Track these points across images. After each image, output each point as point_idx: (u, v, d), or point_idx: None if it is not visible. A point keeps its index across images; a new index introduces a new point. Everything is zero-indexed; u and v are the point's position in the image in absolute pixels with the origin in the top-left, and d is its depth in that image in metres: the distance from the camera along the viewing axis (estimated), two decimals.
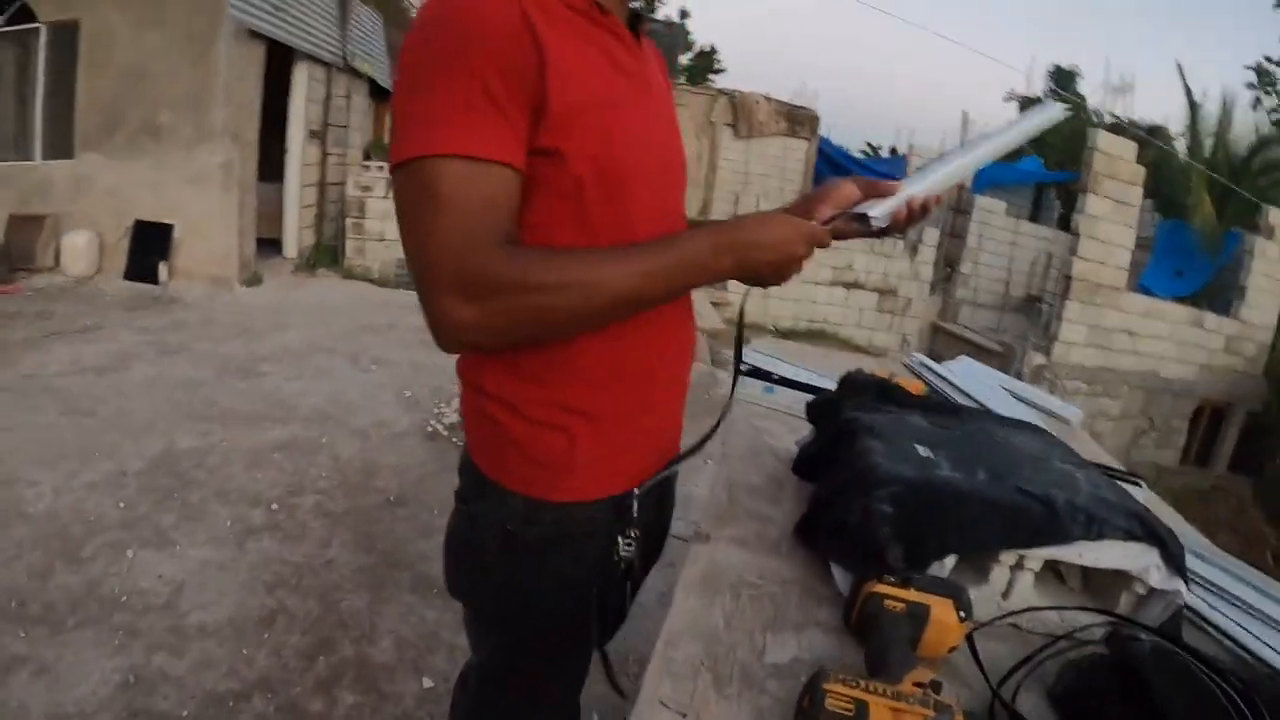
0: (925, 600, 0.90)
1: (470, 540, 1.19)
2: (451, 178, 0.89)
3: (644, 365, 1.12)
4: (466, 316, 0.90)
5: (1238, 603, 1.29)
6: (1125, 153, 9.57)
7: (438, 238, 0.89)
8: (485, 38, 0.90)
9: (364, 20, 10.22)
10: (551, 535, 1.12)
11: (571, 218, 1.00)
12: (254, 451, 4.14)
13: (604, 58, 1.03)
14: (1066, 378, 9.98)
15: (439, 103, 0.90)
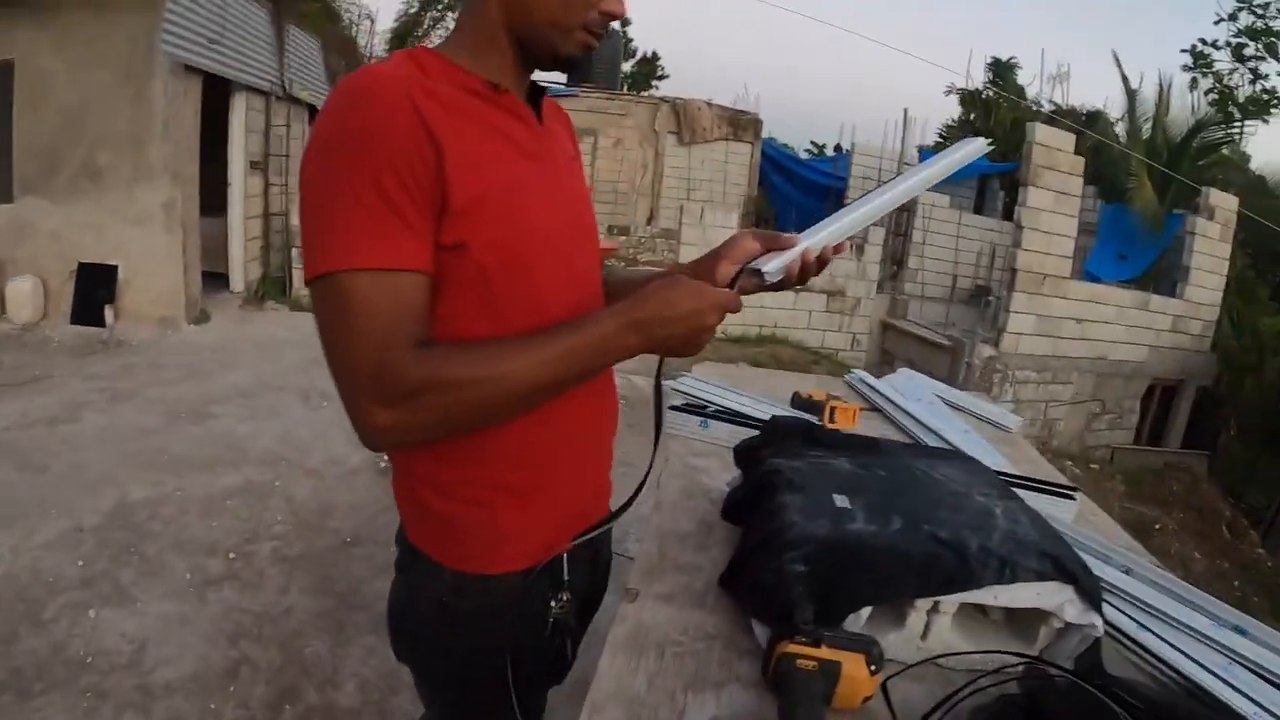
0: (836, 657, 0.93)
1: (407, 608, 1.23)
2: (361, 290, 0.91)
3: (562, 439, 1.15)
4: (386, 420, 0.93)
5: (1164, 618, 1.32)
6: (1064, 144, 9.73)
7: (352, 348, 0.92)
8: (380, 147, 0.92)
9: (301, 47, 10.16)
10: (483, 606, 1.15)
11: (480, 306, 1.03)
12: (208, 499, 4.13)
13: (504, 141, 1.05)
14: (1017, 367, 10.13)
15: (342, 217, 0.92)
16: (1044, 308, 10.07)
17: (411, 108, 0.94)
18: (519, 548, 1.14)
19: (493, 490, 1.12)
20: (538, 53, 1.09)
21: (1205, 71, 21.78)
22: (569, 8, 1.04)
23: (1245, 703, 1.11)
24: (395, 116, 0.93)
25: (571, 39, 1.07)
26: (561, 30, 1.06)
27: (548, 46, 1.07)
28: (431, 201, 0.95)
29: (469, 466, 1.10)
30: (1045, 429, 10.69)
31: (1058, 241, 9.84)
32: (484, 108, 1.04)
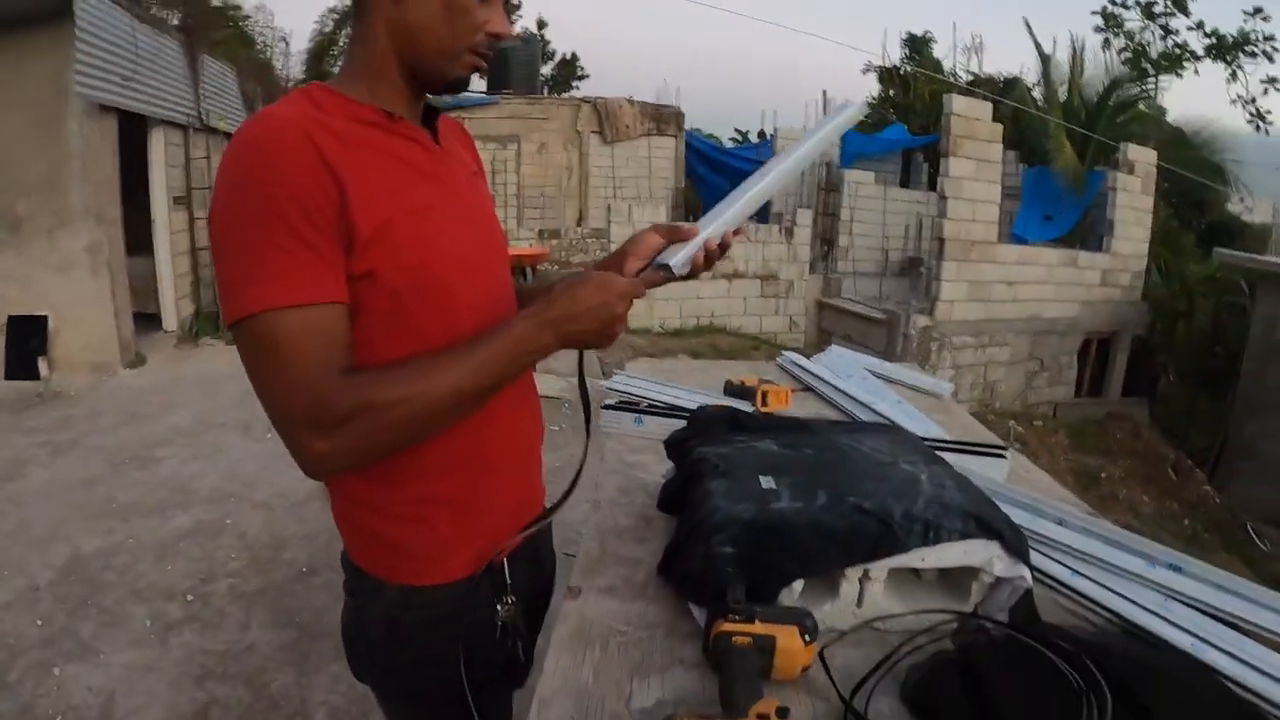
0: (770, 631, 0.97)
1: (358, 628, 1.26)
2: (285, 326, 0.94)
3: (488, 448, 1.18)
4: (323, 449, 0.96)
5: (1099, 563, 1.37)
6: (981, 113, 9.94)
7: (284, 383, 0.95)
8: (285, 186, 0.94)
9: (215, 76, 10.01)
10: (430, 616, 1.18)
11: (397, 329, 1.05)
12: (160, 543, 4.09)
13: (404, 167, 1.08)
14: (953, 334, 10.33)
15: (258, 258, 0.94)
16: (974, 274, 10.28)
17: (311, 147, 0.96)
18: (458, 557, 1.17)
19: (425, 505, 1.15)
20: (428, 79, 1.12)
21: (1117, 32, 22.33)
22: (455, 35, 1.08)
23: (1182, 635, 1.17)
24: (296, 157, 0.95)
25: (459, 63, 1.10)
26: (449, 57, 1.09)
27: (437, 73, 1.11)
28: (339, 235, 0.98)
29: (400, 485, 1.13)
30: (987, 391, 10.91)
31: (982, 208, 10.05)
32: (381, 137, 1.07)
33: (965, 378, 10.63)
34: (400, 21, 1.07)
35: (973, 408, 10.50)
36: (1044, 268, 11.10)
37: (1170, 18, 22.42)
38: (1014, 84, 16.45)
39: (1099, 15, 22.54)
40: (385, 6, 1.07)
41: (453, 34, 1.08)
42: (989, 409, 10.75)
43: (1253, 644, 1.17)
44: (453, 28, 1.07)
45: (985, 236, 10.24)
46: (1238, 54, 22.75)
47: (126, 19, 7.55)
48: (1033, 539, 1.42)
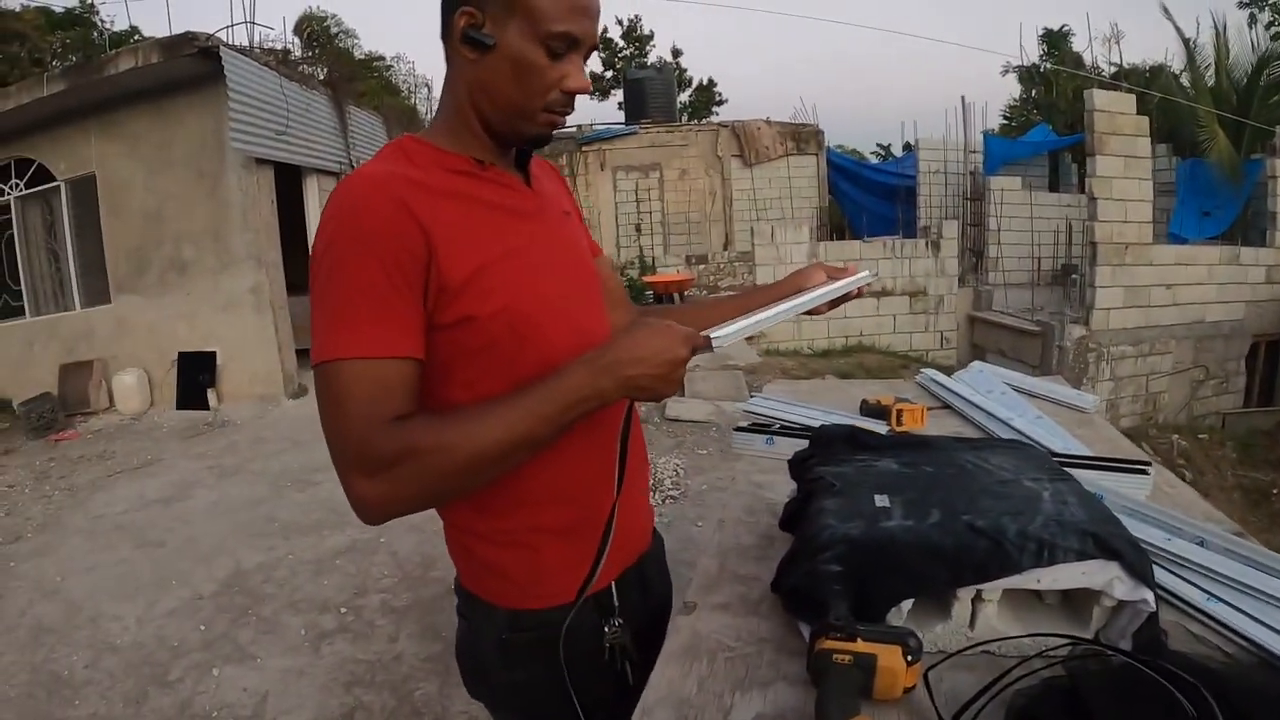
0: (872, 650, 0.97)
1: (471, 649, 1.33)
2: (346, 376, 1.00)
3: (590, 479, 1.21)
4: (371, 492, 1.00)
5: (1241, 587, 1.30)
6: (1125, 107, 9.49)
7: (339, 429, 1.00)
8: (371, 246, 1.01)
9: (363, 124, 10.52)
10: (539, 639, 1.22)
11: (498, 369, 1.11)
12: (318, 560, 4.33)
13: (493, 211, 1.13)
14: (1111, 344, 9.84)
15: (337, 311, 1.01)
16: (1130, 278, 9.79)
17: (400, 204, 1.02)
18: (565, 582, 1.20)
19: (531, 533, 1.21)
20: (506, 135, 1.16)
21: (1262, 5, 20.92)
22: (528, 95, 1.10)
23: None
24: (384, 216, 1.02)
25: (535, 122, 1.13)
26: (524, 116, 1.12)
27: (512, 130, 1.14)
28: (423, 287, 1.04)
29: (506, 515, 1.19)
30: (1149, 404, 10.36)
31: (1134, 207, 9.57)
32: (472, 184, 1.12)
33: (1125, 389, 10.14)
34: (477, 80, 1.11)
35: (1134, 421, 10.01)
36: (1204, 267, 10.46)
37: None
38: (1159, 73, 15.63)
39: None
40: (465, 65, 1.11)
41: (525, 94, 1.10)
42: (1151, 422, 10.22)
43: None
44: (524, 88, 1.09)
45: (1139, 237, 9.74)
46: None
47: (275, 77, 8.06)
48: (1169, 560, 1.37)
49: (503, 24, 1.06)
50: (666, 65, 24.21)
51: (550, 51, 1.08)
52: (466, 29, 1.07)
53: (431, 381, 1.11)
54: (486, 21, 1.07)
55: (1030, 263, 13.93)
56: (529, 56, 1.07)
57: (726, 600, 1.28)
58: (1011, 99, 20.56)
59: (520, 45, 1.07)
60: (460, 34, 1.08)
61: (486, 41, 1.07)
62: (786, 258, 10.71)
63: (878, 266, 11.20)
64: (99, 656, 3.50)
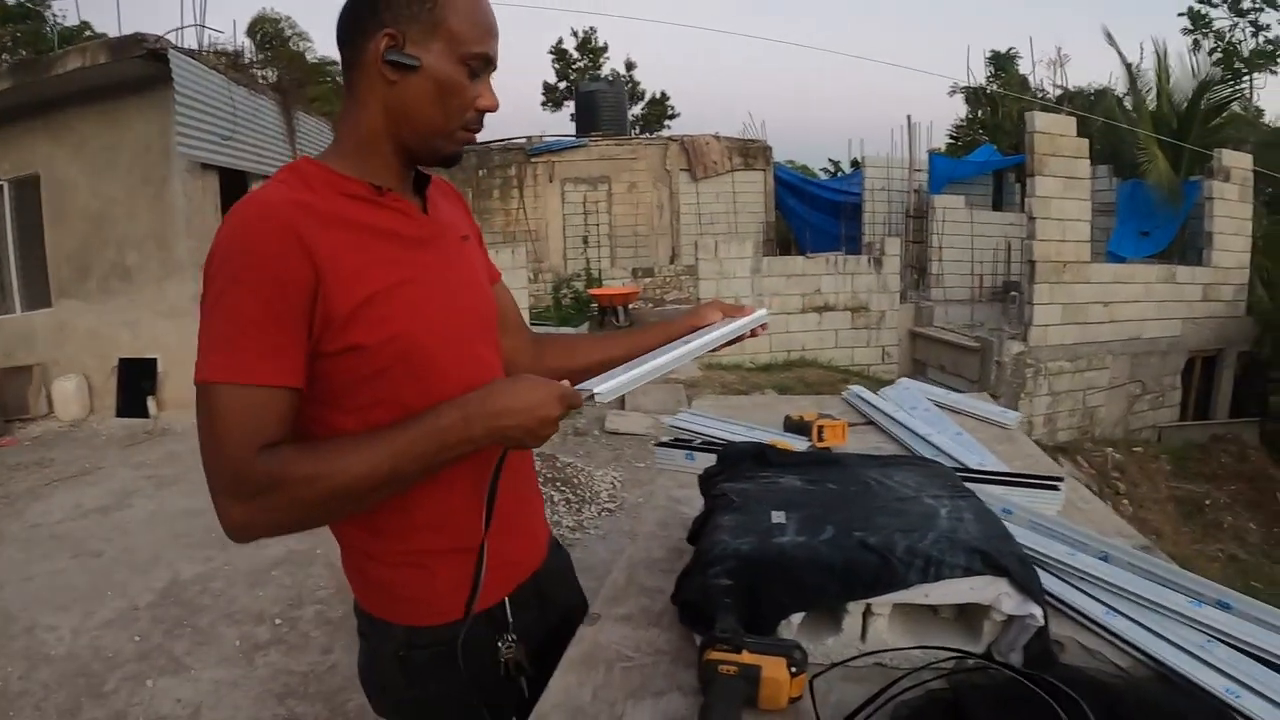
0: (757, 661, 1.01)
1: (373, 667, 1.35)
2: (223, 400, 1.02)
3: (472, 509, 1.20)
4: (239, 515, 1.03)
5: (1141, 601, 1.33)
6: (1066, 129, 9.72)
7: (212, 450, 1.03)
8: (258, 273, 1.03)
9: (312, 131, 10.44)
10: (435, 655, 1.26)
11: (388, 395, 1.14)
12: (254, 571, 4.30)
13: (387, 240, 1.15)
14: (1049, 359, 10.06)
15: (219, 334, 1.03)
16: (1068, 295, 10.01)
17: (290, 232, 1.04)
18: (457, 600, 1.22)
19: (423, 555, 1.24)
20: (420, 155, 1.19)
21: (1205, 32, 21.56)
22: (448, 115, 1.14)
23: (1219, 679, 1.13)
24: (273, 244, 1.03)
25: (452, 140, 1.17)
26: (442, 135, 1.16)
27: (430, 150, 1.17)
28: (308, 317, 1.06)
29: (398, 538, 1.22)
30: (1086, 418, 10.59)
31: (1072, 227, 9.80)
32: (366, 210, 1.14)
33: (1063, 404, 10.36)
34: (396, 101, 1.13)
35: (1071, 435, 10.22)
36: (1141, 285, 10.74)
37: (1259, 13, 21.53)
38: (1102, 96, 15.99)
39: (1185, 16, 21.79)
40: (380, 88, 1.12)
41: (446, 113, 1.14)
42: (1088, 436, 10.43)
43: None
44: (445, 108, 1.13)
45: (1077, 256, 9.98)
46: None
47: (223, 81, 7.99)
48: (1071, 575, 1.41)
49: (425, 46, 1.10)
50: (619, 78, 24.32)
51: (470, 71, 1.13)
52: (388, 51, 1.09)
53: (322, 407, 1.13)
54: (407, 44, 1.09)
55: (971, 280, 14.18)
56: (452, 76, 1.11)
57: (630, 612, 1.32)
58: (958, 119, 20.90)
59: (443, 66, 1.10)
60: (381, 56, 1.10)
61: (411, 63, 1.09)
62: (730, 272, 10.82)
63: (820, 281, 11.36)
64: (33, 667, 3.46)
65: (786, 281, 11.26)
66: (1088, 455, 9.79)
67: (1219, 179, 11.15)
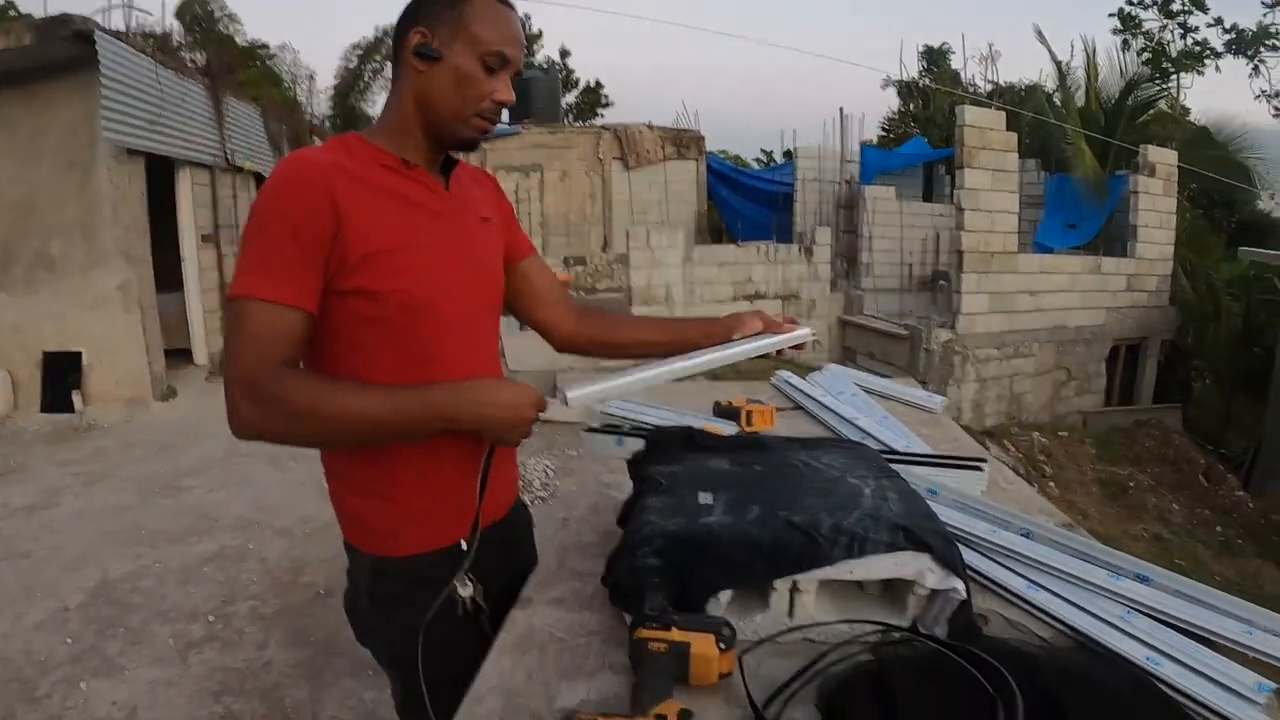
0: (686, 638, 1.03)
1: (353, 597, 1.49)
2: (250, 313, 1.19)
3: (459, 440, 1.33)
4: (248, 414, 1.18)
5: (1062, 575, 1.38)
6: (995, 123, 9.94)
7: (237, 355, 1.19)
8: (289, 210, 1.21)
9: (241, 117, 10.21)
10: (398, 587, 1.39)
11: (386, 340, 1.30)
12: (186, 568, 4.23)
13: (408, 206, 1.32)
14: (976, 347, 10.30)
15: (254, 258, 1.21)
16: (996, 285, 10.26)
17: (323, 187, 1.22)
18: (420, 533, 1.38)
19: (391, 485, 1.37)
20: (442, 137, 1.35)
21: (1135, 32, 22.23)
22: (465, 102, 1.31)
23: (1139, 648, 1.18)
24: (308, 192, 1.21)
25: (468, 126, 1.34)
26: (459, 119, 1.33)
27: (450, 133, 1.34)
28: (324, 258, 1.22)
29: (369, 465, 1.36)
30: (1013, 404, 10.85)
31: (1000, 218, 10.04)
32: (393, 179, 1.32)
33: (991, 390, 10.60)
34: (423, 89, 1.31)
35: (999, 420, 10.45)
36: (1067, 276, 11.06)
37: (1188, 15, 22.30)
38: (1032, 92, 16.34)
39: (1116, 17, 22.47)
40: (411, 77, 1.31)
41: (463, 101, 1.31)
42: (1014, 421, 10.68)
43: (1211, 654, 1.18)
44: (463, 95, 1.31)
45: (1005, 247, 10.22)
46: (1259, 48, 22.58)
47: (150, 64, 7.75)
48: (994, 551, 1.46)
49: (449, 43, 1.29)
50: (553, 66, 24.17)
51: (486, 67, 1.30)
52: (419, 45, 1.29)
53: (329, 339, 1.29)
54: (435, 39, 1.29)
55: (901, 269, 14.43)
56: (470, 70, 1.29)
57: (561, 595, 1.34)
58: (890, 112, 21.15)
59: (463, 60, 1.29)
60: (413, 48, 1.29)
61: (434, 55, 1.28)
62: (662, 261, 10.84)
63: (751, 270, 11.48)
64: None
65: (718, 270, 11.34)
66: (1015, 440, 10.03)
67: (1144, 174, 11.50)
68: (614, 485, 1.83)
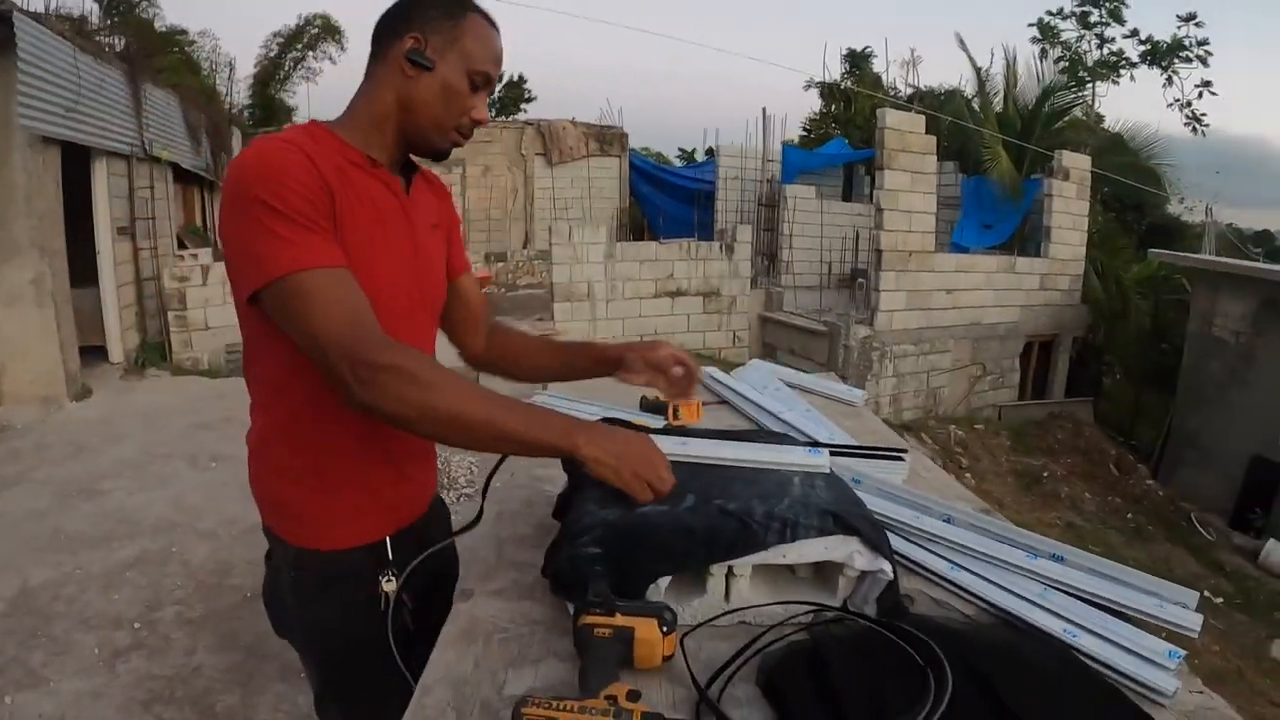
0: (629, 623, 1.07)
1: (273, 587, 1.49)
2: (317, 283, 1.15)
3: (388, 441, 1.39)
4: (367, 395, 1.14)
5: (982, 557, 1.45)
6: (915, 126, 10.15)
7: (329, 326, 1.14)
8: (296, 182, 1.17)
9: (159, 105, 9.96)
10: (320, 579, 1.39)
11: None
12: (108, 574, 4.13)
13: (369, 204, 1.31)
14: (894, 343, 10.53)
15: (282, 233, 1.15)
16: (913, 283, 10.49)
17: (310, 162, 1.20)
18: (350, 528, 1.39)
19: (320, 478, 1.36)
20: (417, 144, 1.38)
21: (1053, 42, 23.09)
22: (448, 114, 1.34)
23: (1057, 622, 1.25)
24: (300, 163, 1.19)
25: (445, 138, 1.37)
26: (439, 130, 1.36)
27: (426, 141, 1.37)
28: (332, 226, 1.22)
29: (301, 452, 1.36)
30: (930, 398, 11.12)
31: (918, 219, 10.27)
32: (360, 176, 1.30)
33: (908, 385, 10.85)
34: (409, 94, 1.32)
35: (916, 414, 10.70)
36: (983, 274, 11.36)
37: (1105, 27, 23.30)
38: (952, 96, 16.76)
39: (1035, 27, 23.35)
40: (397, 79, 1.32)
41: (447, 113, 1.34)
42: (931, 415, 10.94)
43: (1123, 625, 1.25)
44: (446, 108, 1.33)
45: (922, 246, 10.45)
46: (1173, 60, 23.69)
47: (69, 49, 7.51)
48: (918, 536, 1.52)
49: (441, 53, 1.31)
50: None
51: (472, 84, 1.34)
52: (412, 50, 1.30)
53: None
54: (428, 48, 1.30)
55: (821, 267, 14.62)
56: (457, 84, 1.32)
57: (502, 586, 1.36)
58: (812, 113, 21.44)
59: (452, 74, 1.32)
60: (406, 53, 1.30)
61: (427, 63, 1.30)
62: (584, 257, 10.83)
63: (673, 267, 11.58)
64: None
65: (640, 267, 11.37)
66: (932, 432, 10.29)
67: (1059, 178, 11.89)
68: (546, 479, 1.85)
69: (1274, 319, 9.83)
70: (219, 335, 9.16)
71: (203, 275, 9.19)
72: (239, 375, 1.46)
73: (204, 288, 9.17)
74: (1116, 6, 23.02)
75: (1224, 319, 10.38)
